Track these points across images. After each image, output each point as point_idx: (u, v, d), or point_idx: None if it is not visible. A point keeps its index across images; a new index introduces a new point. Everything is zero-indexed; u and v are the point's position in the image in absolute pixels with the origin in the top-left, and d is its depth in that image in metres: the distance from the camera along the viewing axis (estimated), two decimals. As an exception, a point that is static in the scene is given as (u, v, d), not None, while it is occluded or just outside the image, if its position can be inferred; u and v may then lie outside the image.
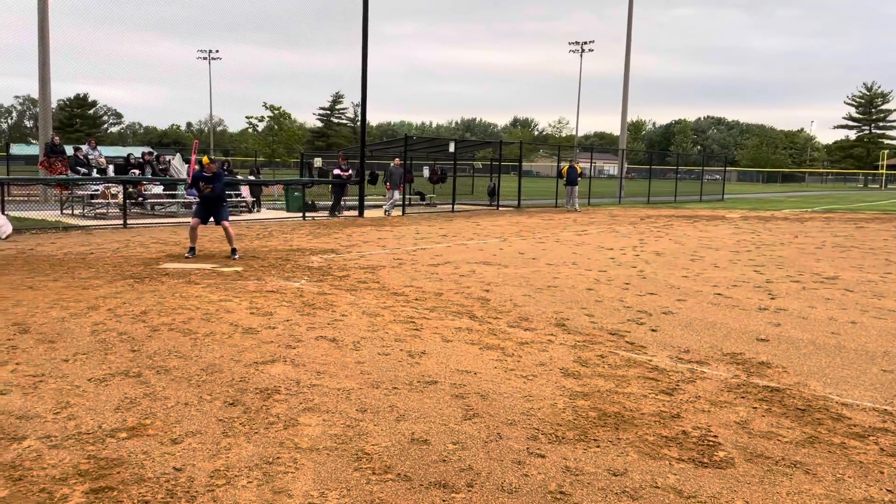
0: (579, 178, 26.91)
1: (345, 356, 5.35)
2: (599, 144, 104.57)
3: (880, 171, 77.39)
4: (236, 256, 10.48)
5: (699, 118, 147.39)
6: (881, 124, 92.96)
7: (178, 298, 7.39)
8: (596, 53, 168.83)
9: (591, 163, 38.84)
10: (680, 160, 48.95)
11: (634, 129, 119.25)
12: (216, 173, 10.81)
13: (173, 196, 19.52)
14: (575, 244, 13.84)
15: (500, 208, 25.83)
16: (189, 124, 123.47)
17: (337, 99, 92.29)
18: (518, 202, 27.27)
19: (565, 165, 27.23)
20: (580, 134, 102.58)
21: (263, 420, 4.01)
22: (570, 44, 73.96)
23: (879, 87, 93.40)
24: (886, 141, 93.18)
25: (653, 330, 6.52)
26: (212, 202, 10.80)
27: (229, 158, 41.68)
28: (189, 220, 11.54)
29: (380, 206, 22.75)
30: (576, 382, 4.83)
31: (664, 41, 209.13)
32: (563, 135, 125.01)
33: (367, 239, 14.01)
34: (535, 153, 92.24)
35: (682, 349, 5.84)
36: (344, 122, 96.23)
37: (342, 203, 21.09)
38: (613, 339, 6.11)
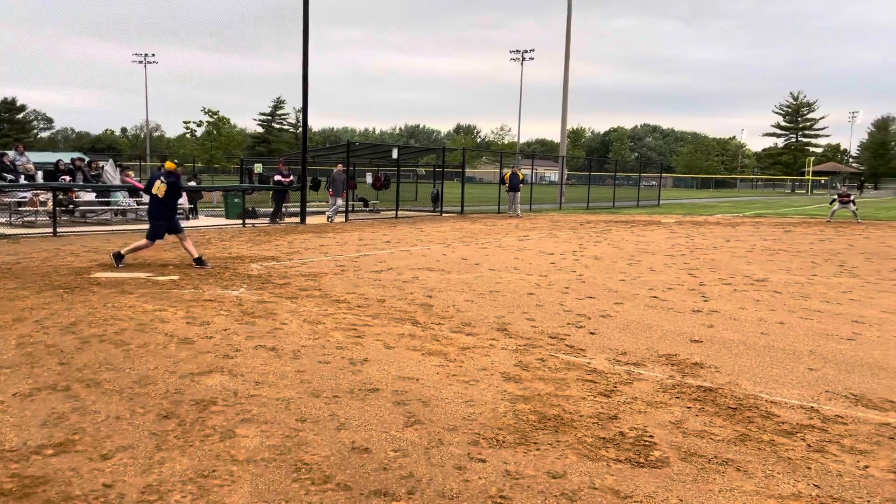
0: (521, 185, 27.22)
1: (284, 365, 5.27)
2: (541, 151, 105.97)
3: (806, 178, 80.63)
4: (209, 266, 10.18)
5: (636, 126, 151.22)
6: (807, 132, 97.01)
7: (110, 309, 7.16)
8: (537, 62, 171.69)
9: (533, 169, 39.35)
10: (618, 167, 50.01)
11: (574, 136, 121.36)
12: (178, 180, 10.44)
13: (106, 203, 18.91)
14: (517, 249, 13.98)
15: (444, 214, 25.90)
16: (124, 129, 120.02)
17: (278, 104, 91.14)
18: (461, 208, 27.40)
19: (507, 172, 27.51)
20: (522, 141, 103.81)
21: (199, 432, 3.91)
22: (511, 52, 75.02)
23: (805, 97, 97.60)
24: (812, 148, 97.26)
25: (591, 333, 6.63)
26: (169, 215, 10.35)
27: (191, 164, 40.59)
28: (141, 238, 11.12)
29: (322, 213, 22.53)
30: (517, 386, 4.87)
31: (604, 51, 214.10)
32: (506, 142, 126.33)
33: (308, 246, 13.85)
34: (478, 160, 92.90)
35: (619, 351, 5.96)
36: (286, 127, 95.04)
37: (283, 210, 20.81)
38: (553, 343, 6.19)
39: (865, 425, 4.26)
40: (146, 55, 68.87)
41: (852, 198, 25.02)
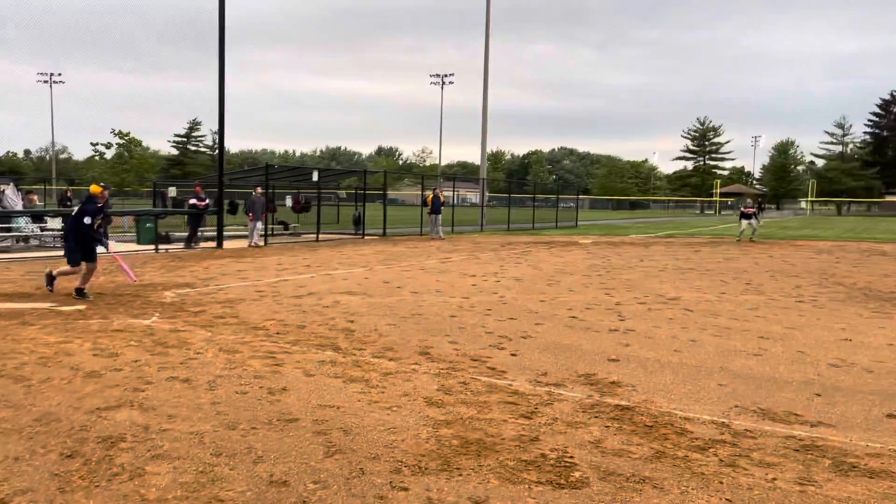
0: (443, 207, 27.40)
1: (199, 397, 5.08)
2: (462, 174, 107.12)
3: (714, 199, 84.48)
4: (90, 298, 9.60)
5: (554, 149, 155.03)
6: (714, 156, 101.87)
7: (9, 342, 6.75)
8: (457, 85, 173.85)
9: (454, 191, 39.70)
10: (537, 189, 51.14)
11: (494, 159, 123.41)
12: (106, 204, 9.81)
13: (7, 230, 17.91)
14: (439, 272, 14.02)
15: (366, 237, 25.76)
16: (27, 152, 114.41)
17: (194, 126, 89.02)
18: (384, 230, 27.32)
19: (429, 194, 27.64)
20: (443, 163, 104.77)
21: (106, 471, 3.71)
22: (431, 76, 75.87)
23: (711, 122, 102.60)
24: (718, 171, 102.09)
25: (513, 354, 6.69)
26: (89, 238, 9.64)
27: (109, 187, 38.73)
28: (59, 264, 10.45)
29: (240, 237, 22.02)
30: (439, 411, 4.85)
31: (523, 75, 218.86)
32: (427, 164, 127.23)
33: (225, 271, 13.48)
34: (399, 182, 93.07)
35: (540, 372, 6.03)
36: (202, 150, 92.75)
37: (199, 234, 20.22)
38: (476, 365, 6.21)
39: (772, 438, 4.45)
40: (52, 74, 66.12)
41: (754, 212, 26.07)
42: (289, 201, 27.61)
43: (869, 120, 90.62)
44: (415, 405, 4.99)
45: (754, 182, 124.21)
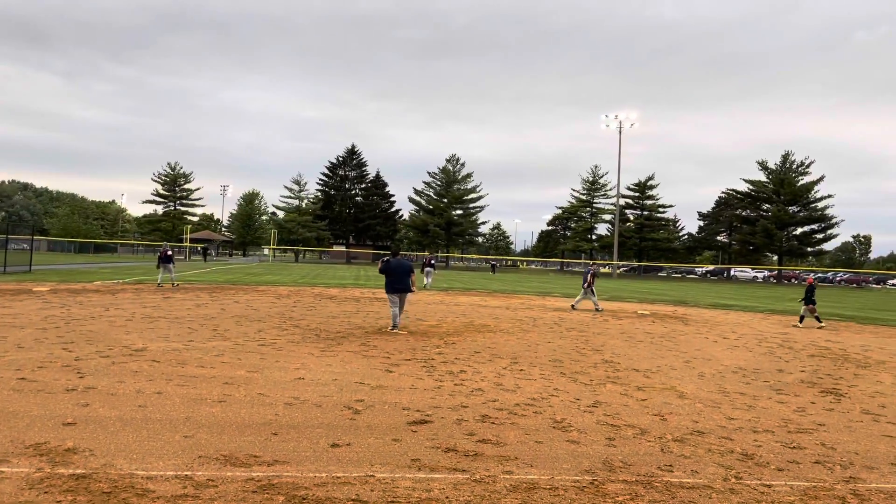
0: None
1: None
2: None
3: (185, 244, 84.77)
4: None
5: (4, 182, 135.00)
6: (185, 201, 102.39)
7: None
8: None
9: None
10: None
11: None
12: None
13: None
14: None
15: None
16: None
17: None
18: None
19: None
20: None
21: None
22: None
23: (182, 168, 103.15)
24: (189, 216, 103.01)
25: (-64, 433, 5.52)
26: None
27: None
28: None
29: None
30: None
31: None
32: None
33: None
34: None
35: (-26, 450, 5.11)
36: None
37: None
38: None
39: (233, 484, 4.65)
40: None
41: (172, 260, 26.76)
42: None
43: (320, 179, 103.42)
44: None
45: (223, 229, 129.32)
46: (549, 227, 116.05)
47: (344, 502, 4.41)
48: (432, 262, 36.75)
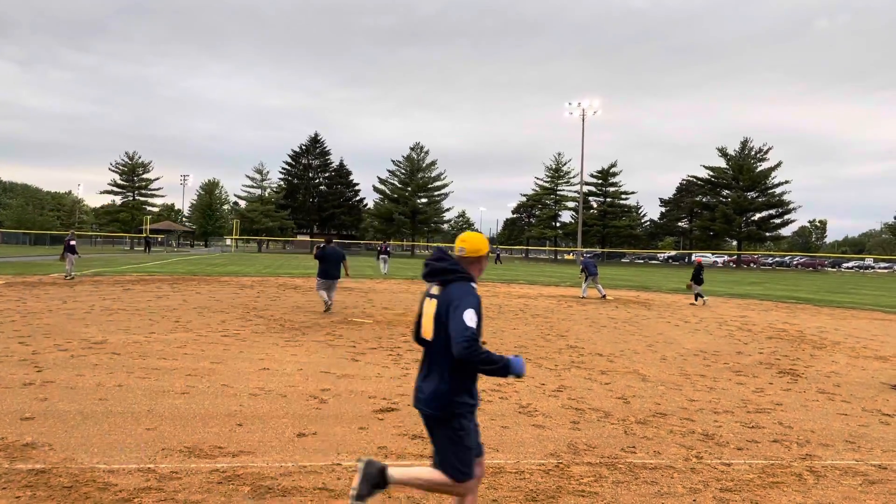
0: None
1: None
2: None
3: (144, 235, 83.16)
4: None
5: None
6: (143, 192, 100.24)
7: None
8: None
9: None
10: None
11: None
12: None
13: None
14: None
15: None
16: None
17: None
18: None
19: None
20: None
21: None
22: None
23: (140, 158, 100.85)
24: (149, 207, 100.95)
25: None
26: None
27: None
28: None
29: None
30: None
31: None
32: None
33: None
34: None
35: (-73, 448, 4.98)
36: None
37: None
38: None
39: (198, 476, 4.61)
40: None
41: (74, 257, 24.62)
42: None
43: (282, 168, 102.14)
44: None
45: (184, 219, 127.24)
46: (514, 215, 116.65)
47: (310, 491, 4.40)
48: (388, 249, 37.27)
